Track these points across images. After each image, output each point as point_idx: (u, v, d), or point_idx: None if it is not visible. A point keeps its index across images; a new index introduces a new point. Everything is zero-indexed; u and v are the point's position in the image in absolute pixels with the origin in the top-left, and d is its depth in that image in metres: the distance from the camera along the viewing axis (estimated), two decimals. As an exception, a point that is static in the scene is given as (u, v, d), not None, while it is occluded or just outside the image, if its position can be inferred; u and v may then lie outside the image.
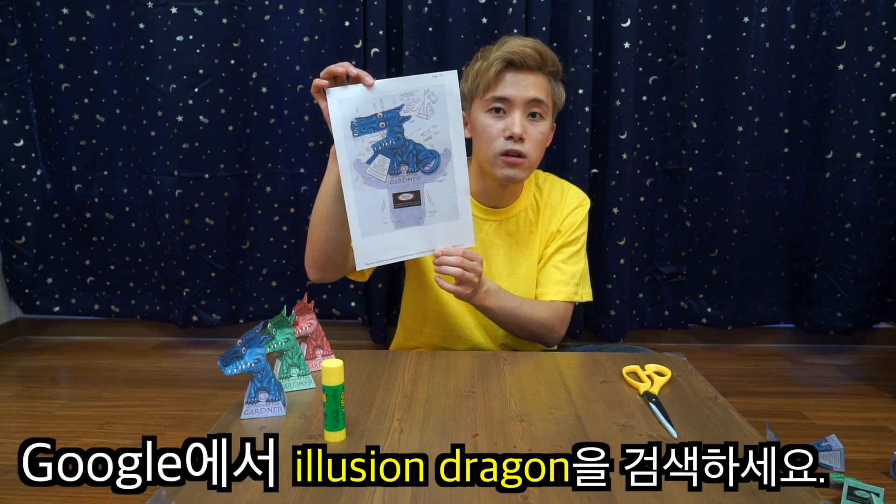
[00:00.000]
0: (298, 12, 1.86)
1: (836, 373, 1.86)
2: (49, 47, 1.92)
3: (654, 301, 2.03)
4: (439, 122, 0.94)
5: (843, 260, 1.92)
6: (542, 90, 1.07)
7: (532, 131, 1.07)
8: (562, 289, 1.16)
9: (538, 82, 1.07)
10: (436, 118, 0.93)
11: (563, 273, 1.17)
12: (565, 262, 1.18)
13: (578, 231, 1.20)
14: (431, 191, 0.95)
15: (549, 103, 1.10)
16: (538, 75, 1.07)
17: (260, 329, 0.80)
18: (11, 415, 1.58)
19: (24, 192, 2.02)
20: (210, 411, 1.60)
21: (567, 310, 1.17)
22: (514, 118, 1.06)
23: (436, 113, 0.93)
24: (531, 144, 1.07)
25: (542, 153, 1.12)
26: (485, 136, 1.09)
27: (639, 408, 0.81)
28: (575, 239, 1.19)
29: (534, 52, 1.05)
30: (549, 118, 1.11)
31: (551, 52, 1.09)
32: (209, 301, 2.03)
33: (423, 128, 0.94)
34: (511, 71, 1.06)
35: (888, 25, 1.79)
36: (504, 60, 1.05)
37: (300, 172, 1.98)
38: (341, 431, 0.72)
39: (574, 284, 1.17)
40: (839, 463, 1.27)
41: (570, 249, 1.19)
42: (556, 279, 1.17)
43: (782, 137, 1.91)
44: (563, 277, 1.17)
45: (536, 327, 1.12)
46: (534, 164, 1.11)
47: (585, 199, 1.22)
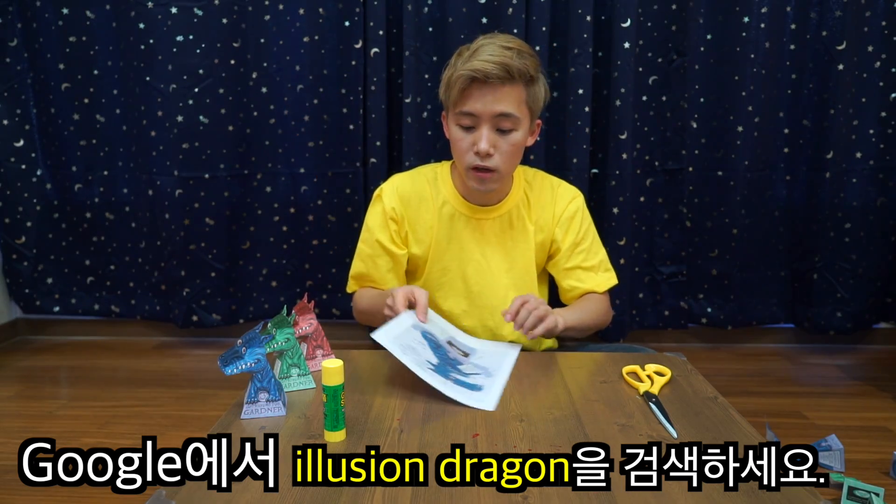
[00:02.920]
0: (298, 12, 1.86)
1: (836, 373, 1.86)
2: (49, 47, 1.92)
3: (654, 301, 2.03)
4: (441, 325, 1.05)
5: (843, 260, 1.92)
6: (510, 102, 1.04)
7: (502, 144, 1.07)
8: (598, 282, 1.21)
9: (507, 94, 1.03)
10: (432, 325, 1.01)
11: (591, 270, 1.21)
12: (587, 260, 1.21)
13: (583, 226, 1.21)
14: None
15: (522, 112, 1.07)
16: (506, 87, 1.03)
17: (260, 329, 0.80)
18: (11, 415, 1.58)
19: (24, 192, 2.02)
20: (210, 411, 1.60)
21: (607, 296, 1.24)
22: (481, 133, 1.05)
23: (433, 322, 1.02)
24: (501, 157, 1.07)
25: (515, 161, 1.12)
26: (456, 149, 1.10)
27: (639, 408, 0.81)
28: (584, 235, 1.21)
29: (497, 68, 1.01)
30: (522, 127, 1.08)
31: (520, 60, 1.03)
32: (209, 301, 2.03)
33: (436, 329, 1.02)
34: (476, 85, 1.03)
35: (888, 25, 1.79)
36: (468, 78, 1.03)
37: (300, 172, 1.98)
38: (341, 431, 0.72)
39: (604, 271, 1.23)
40: (839, 463, 1.27)
41: (584, 246, 1.21)
42: (589, 278, 1.21)
43: (782, 137, 1.91)
44: (593, 273, 1.21)
45: (601, 322, 1.20)
46: (505, 174, 1.12)
47: (577, 192, 1.23)
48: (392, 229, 1.18)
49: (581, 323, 1.13)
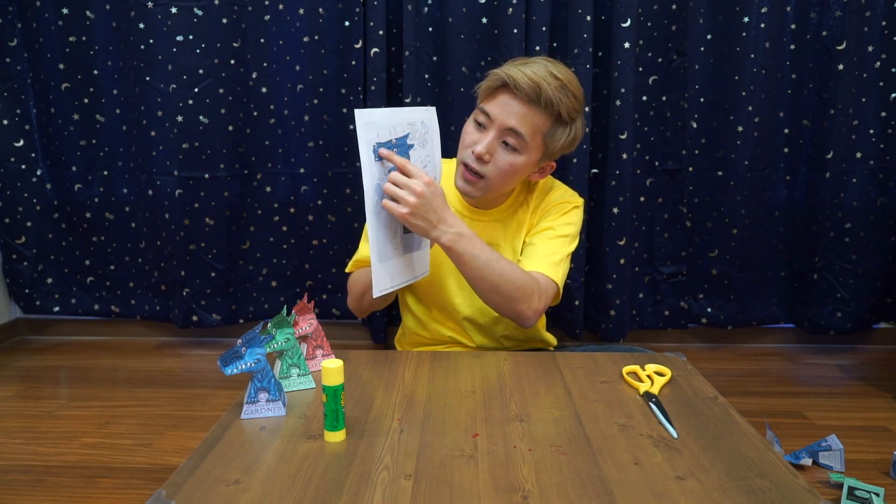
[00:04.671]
0: (298, 12, 1.86)
1: (836, 373, 1.86)
2: (49, 47, 1.92)
3: (654, 301, 2.03)
4: (431, 151, 1.00)
5: (843, 260, 1.92)
6: (526, 123, 1.01)
7: (500, 157, 1.04)
8: (541, 261, 1.08)
9: (528, 114, 1.01)
10: (429, 147, 0.99)
11: (544, 249, 1.10)
12: (545, 242, 1.12)
13: (563, 220, 1.14)
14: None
15: (535, 141, 1.03)
16: (532, 108, 1.00)
17: (260, 329, 0.80)
18: (11, 415, 1.58)
19: (24, 192, 2.02)
20: (210, 411, 1.60)
21: (548, 285, 1.06)
22: (486, 137, 1.03)
23: (428, 143, 0.98)
24: (494, 169, 1.04)
25: (508, 182, 1.07)
26: (461, 141, 1.09)
27: (639, 408, 0.81)
28: (559, 226, 1.13)
29: (530, 85, 0.98)
30: (527, 154, 1.04)
31: (558, 93, 0.99)
32: (209, 301, 2.03)
33: (422, 156, 0.98)
34: (505, 92, 1.02)
35: (888, 25, 1.79)
36: (501, 80, 1.02)
37: (300, 172, 1.98)
38: (341, 431, 0.72)
39: (553, 263, 1.08)
40: (839, 463, 1.27)
41: (551, 233, 1.12)
42: (535, 254, 1.10)
43: (782, 137, 1.91)
44: (544, 252, 1.09)
45: (512, 289, 1.00)
46: (492, 189, 1.07)
47: (578, 199, 1.19)
48: None
49: (486, 265, 0.98)
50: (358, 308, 1.20)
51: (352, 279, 1.20)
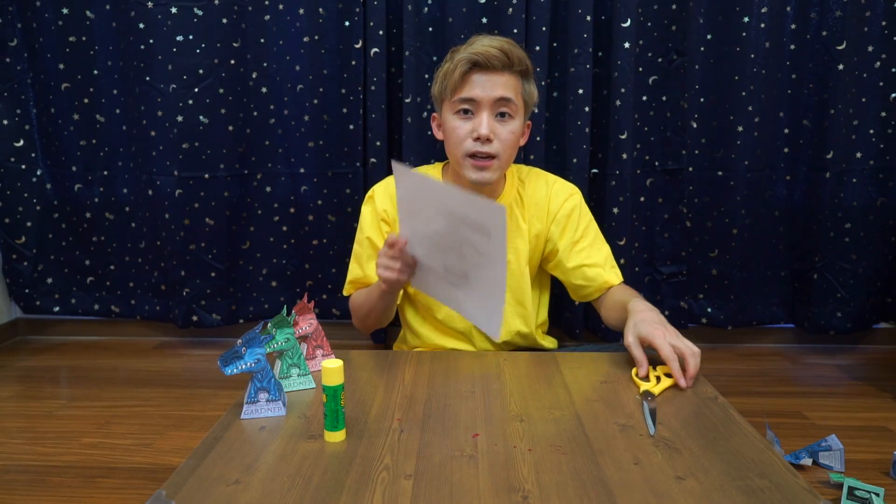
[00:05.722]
0: (298, 12, 1.86)
1: (836, 373, 1.86)
2: (49, 47, 1.92)
3: (654, 301, 1.99)
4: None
5: (843, 260, 1.92)
6: (510, 89, 1.06)
7: (501, 131, 1.07)
8: (608, 277, 1.17)
9: (506, 82, 1.06)
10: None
11: (597, 266, 1.17)
12: (590, 257, 1.17)
13: (581, 224, 1.18)
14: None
15: (519, 102, 1.08)
16: (506, 75, 1.06)
17: (260, 329, 0.80)
18: (11, 415, 1.58)
19: (24, 192, 2.02)
20: (210, 411, 1.60)
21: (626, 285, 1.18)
22: (481, 119, 1.05)
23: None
24: (500, 144, 1.07)
25: (513, 152, 1.12)
26: (453, 138, 1.09)
27: (639, 408, 0.81)
28: (584, 233, 1.18)
29: (499, 53, 1.04)
30: (519, 117, 1.09)
31: (519, 51, 1.07)
32: (209, 301, 2.03)
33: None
34: (477, 72, 1.05)
35: (888, 25, 1.79)
36: (469, 62, 1.05)
37: (300, 172, 1.98)
38: (341, 431, 0.72)
39: (610, 268, 1.18)
40: (839, 463, 1.27)
41: (584, 244, 1.18)
42: (598, 274, 1.17)
43: (782, 137, 1.91)
44: (600, 269, 1.17)
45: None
46: (505, 165, 1.11)
47: (573, 189, 1.21)
48: (384, 230, 1.18)
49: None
50: (363, 327, 1.23)
51: (353, 302, 1.22)
